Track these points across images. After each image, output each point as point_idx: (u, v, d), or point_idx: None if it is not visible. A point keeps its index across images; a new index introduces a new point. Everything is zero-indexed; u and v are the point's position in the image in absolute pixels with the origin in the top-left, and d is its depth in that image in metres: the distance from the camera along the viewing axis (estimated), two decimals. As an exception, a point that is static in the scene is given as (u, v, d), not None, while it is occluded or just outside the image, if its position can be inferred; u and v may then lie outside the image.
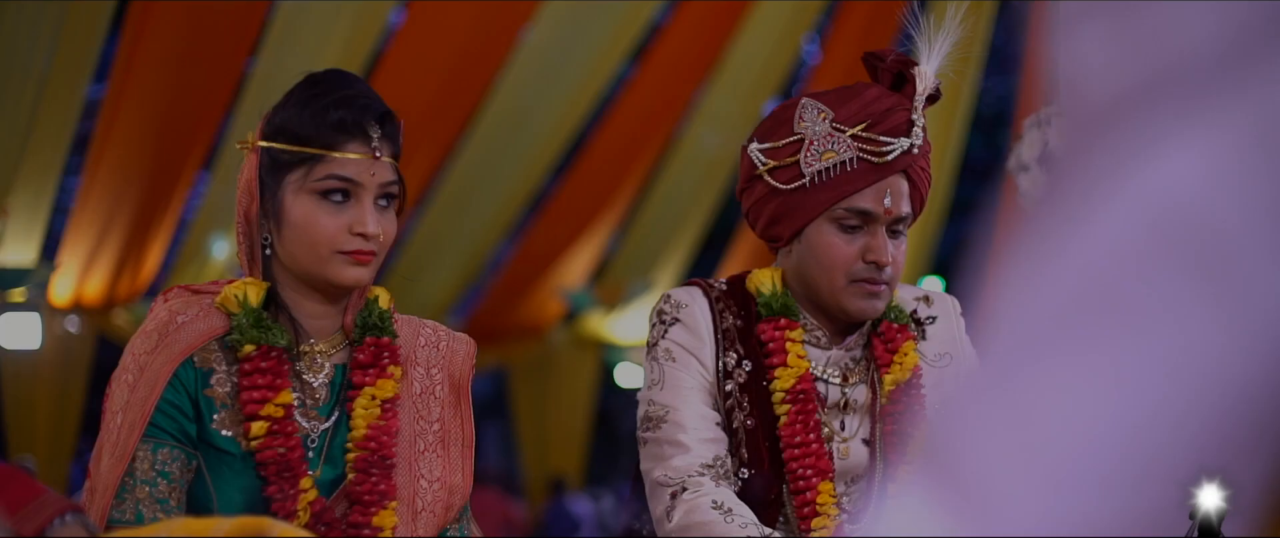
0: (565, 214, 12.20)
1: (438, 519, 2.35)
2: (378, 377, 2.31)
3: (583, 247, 12.43)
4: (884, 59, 2.60)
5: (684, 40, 11.42)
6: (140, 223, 9.90)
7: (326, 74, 2.36)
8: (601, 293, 12.88)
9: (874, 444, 2.62)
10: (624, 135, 11.79)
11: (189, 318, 2.26)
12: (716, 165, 12.37)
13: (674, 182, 12.32)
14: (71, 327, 10.24)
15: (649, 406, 2.56)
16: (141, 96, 9.19)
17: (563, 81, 10.83)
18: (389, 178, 2.29)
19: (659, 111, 11.79)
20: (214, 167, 10.48)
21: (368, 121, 2.28)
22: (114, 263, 10.07)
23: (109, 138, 9.40)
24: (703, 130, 12.12)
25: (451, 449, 2.39)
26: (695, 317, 2.58)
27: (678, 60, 11.50)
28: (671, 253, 12.86)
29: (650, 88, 11.73)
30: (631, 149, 11.89)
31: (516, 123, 10.90)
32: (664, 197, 12.43)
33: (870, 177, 2.51)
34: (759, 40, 11.46)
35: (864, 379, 2.64)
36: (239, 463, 2.23)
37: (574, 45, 10.63)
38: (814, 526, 2.51)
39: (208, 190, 10.75)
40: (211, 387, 2.24)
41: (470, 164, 11.03)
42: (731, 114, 12.05)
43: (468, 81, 10.45)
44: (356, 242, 2.26)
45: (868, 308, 2.55)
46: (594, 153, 12.00)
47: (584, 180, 12.07)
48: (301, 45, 9.54)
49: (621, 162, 11.92)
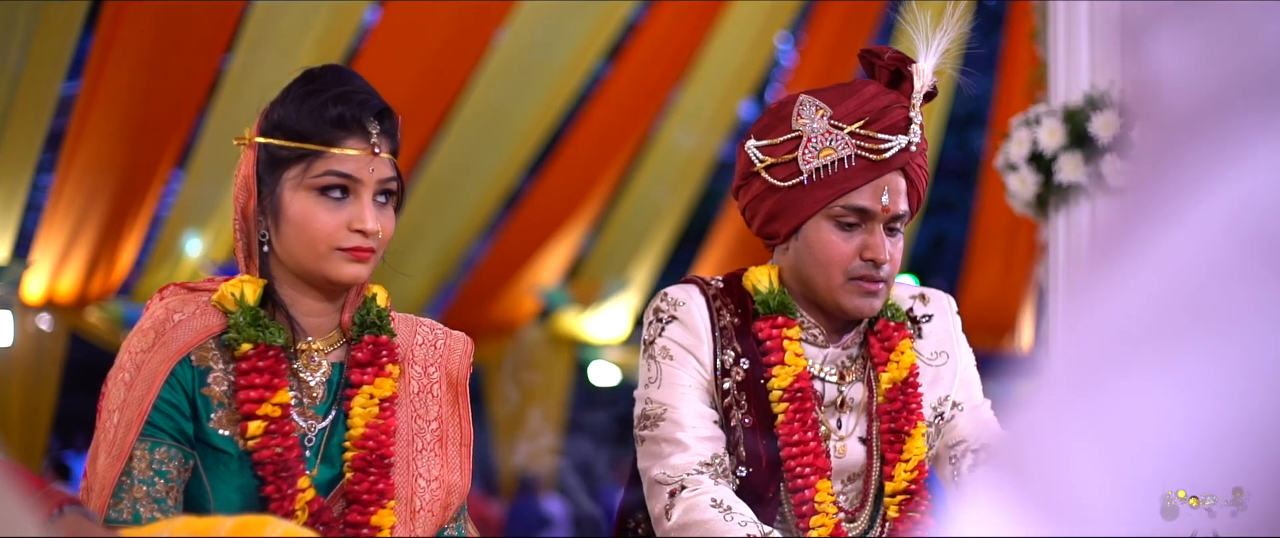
0: (540, 212, 12.18)
1: (436, 519, 2.34)
2: (376, 375, 2.30)
3: (558, 245, 12.41)
4: (881, 56, 2.59)
5: (659, 39, 11.40)
6: (114, 220, 9.84)
7: (325, 70, 2.34)
8: (576, 291, 12.87)
9: (870, 443, 2.61)
10: (599, 134, 11.78)
11: (186, 316, 2.23)
12: (692, 164, 12.37)
13: (649, 180, 12.32)
14: (44, 324, 10.17)
15: (646, 404, 2.55)
16: (115, 93, 9.14)
17: (538, 80, 10.81)
18: (388, 174, 2.28)
19: (634, 110, 11.77)
20: (188, 164, 10.43)
21: (366, 117, 2.26)
22: (87, 260, 10.01)
23: (83, 135, 9.35)
24: (678, 129, 12.11)
25: (449, 448, 2.38)
26: (692, 315, 2.56)
27: (653, 59, 11.49)
28: (646, 252, 12.85)
29: (626, 87, 11.72)
30: (607, 148, 11.88)
31: (492, 121, 10.87)
32: (639, 195, 12.42)
33: (868, 174, 2.51)
34: (734, 40, 11.47)
35: (860, 378, 2.63)
36: (236, 462, 2.21)
37: (549, 44, 10.61)
38: (812, 524, 2.50)
39: (181, 188, 10.70)
40: (208, 385, 2.22)
41: (445, 162, 10.99)
42: (707, 113, 12.05)
43: (443, 80, 10.42)
44: (355, 238, 2.24)
45: (865, 306, 2.54)
46: (569, 151, 11.98)
47: (559, 179, 12.05)
48: (276, 43, 9.50)
49: (597, 160, 11.90)
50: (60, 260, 9.96)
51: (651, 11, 11.38)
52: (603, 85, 12.05)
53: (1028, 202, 4.74)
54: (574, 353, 13.56)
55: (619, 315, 13.41)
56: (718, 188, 13.59)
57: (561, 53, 10.75)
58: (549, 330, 13.15)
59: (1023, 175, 4.69)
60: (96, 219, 9.79)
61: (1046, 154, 4.63)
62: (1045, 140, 4.61)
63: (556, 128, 11.70)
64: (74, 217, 9.74)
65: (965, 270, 13.17)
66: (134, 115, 9.29)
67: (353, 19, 10.00)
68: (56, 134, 9.51)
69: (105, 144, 9.37)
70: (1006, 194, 4.76)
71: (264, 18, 9.50)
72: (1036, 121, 4.67)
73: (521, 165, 11.70)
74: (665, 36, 11.39)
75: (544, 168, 12.21)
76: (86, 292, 10.28)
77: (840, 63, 11.36)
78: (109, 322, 10.62)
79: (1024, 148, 4.67)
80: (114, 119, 9.28)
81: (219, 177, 10.36)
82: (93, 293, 10.33)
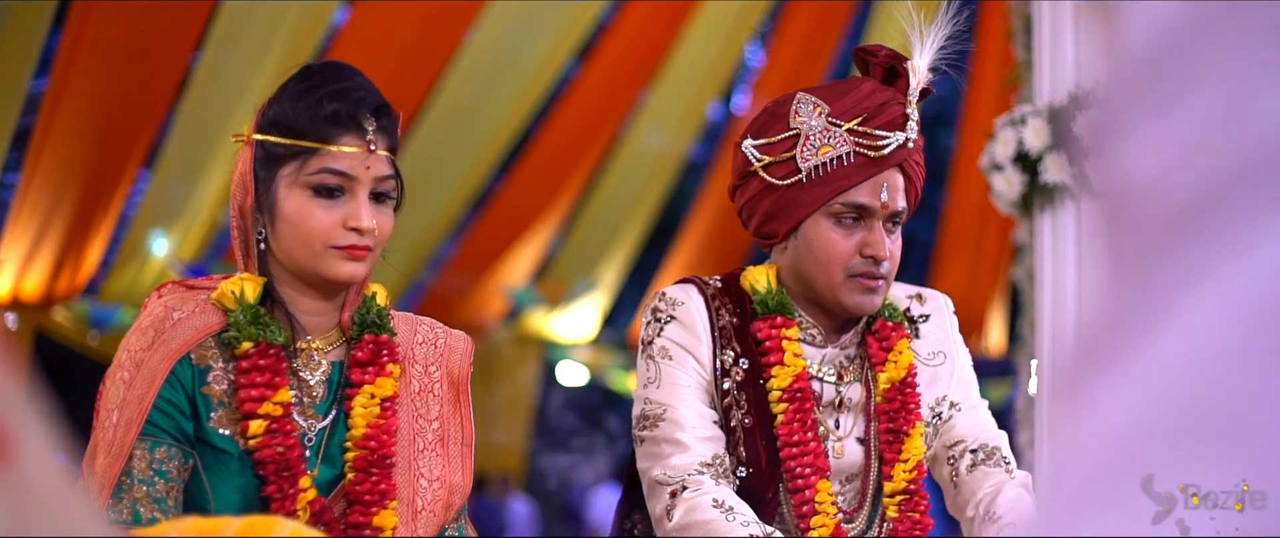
0: (509, 212, 12.16)
1: (438, 519, 2.31)
2: (377, 375, 2.27)
3: (526, 245, 12.40)
4: (876, 54, 2.58)
5: (629, 40, 11.40)
6: (81, 219, 9.79)
7: (322, 66, 2.32)
8: (545, 291, 12.86)
9: (868, 443, 2.60)
10: (568, 134, 11.77)
11: (185, 314, 2.20)
12: (661, 165, 12.37)
13: (618, 181, 12.32)
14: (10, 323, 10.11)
15: (645, 404, 2.53)
16: (83, 92, 9.08)
17: (508, 80, 10.80)
18: (384, 172, 2.25)
19: (604, 111, 11.77)
20: (155, 163, 10.38)
21: (362, 114, 2.24)
22: (53, 259, 9.95)
23: (50, 133, 9.29)
24: (647, 130, 12.11)
25: (450, 448, 2.35)
26: (691, 315, 2.55)
27: (623, 59, 11.48)
28: (615, 252, 12.85)
29: (595, 87, 11.71)
30: (576, 148, 11.87)
31: (461, 120, 10.85)
32: (608, 196, 12.42)
33: (867, 171, 2.50)
34: (704, 41, 11.48)
35: (858, 378, 2.62)
36: (236, 462, 2.18)
37: (519, 43, 10.59)
38: (812, 524, 2.49)
39: (149, 187, 10.64)
40: (208, 384, 2.19)
41: (414, 162, 10.95)
42: (676, 114, 12.05)
43: (412, 80, 10.39)
44: (351, 236, 2.22)
45: (865, 303, 2.53)
46: (538, 151, 11.96)
47: (528, 178, 12.03)
48: (245, 43, 9.46)
49: (566, 160, 11.89)
50: (27, 259, 9.89)
51: (621, 12, 11.38)
52: (572, 85, 12.04)
53: (1013, 202, 4.74)
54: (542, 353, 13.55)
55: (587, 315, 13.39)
56: (686, 188, 13.59)
57: (531, 53, 10.74)
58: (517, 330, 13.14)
59: (1008, 175, 4.69)
60: (63, 218, 9.73)
61: (1032, 154, 4.63)
62: (1031, 140, 4.61)
63: (526, 127, 11.69)
64: (41, 215, 9.68)
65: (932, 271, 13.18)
66: (102, 114, 9.24)
67: (322, 18, 9.97)
68: (23, 132, 9.44)
69: (73, 143, 9.31)
70: (991, 194, 4.76)
71: (233, 17, 9.46)
72: (1022, 121, 4.67)
73: (490, 165, 11.68)
74: (635, 37, 11.39)
75: (513, 167, 12.20)
76: (53, 291, 10.22)
77: (809, 64, 11.37)
78: (75, 321, 10.56)
79: (1009, 148, 4.67)
80: (82, 117, 9.23)
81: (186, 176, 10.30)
82: (59, 292, 10.27)
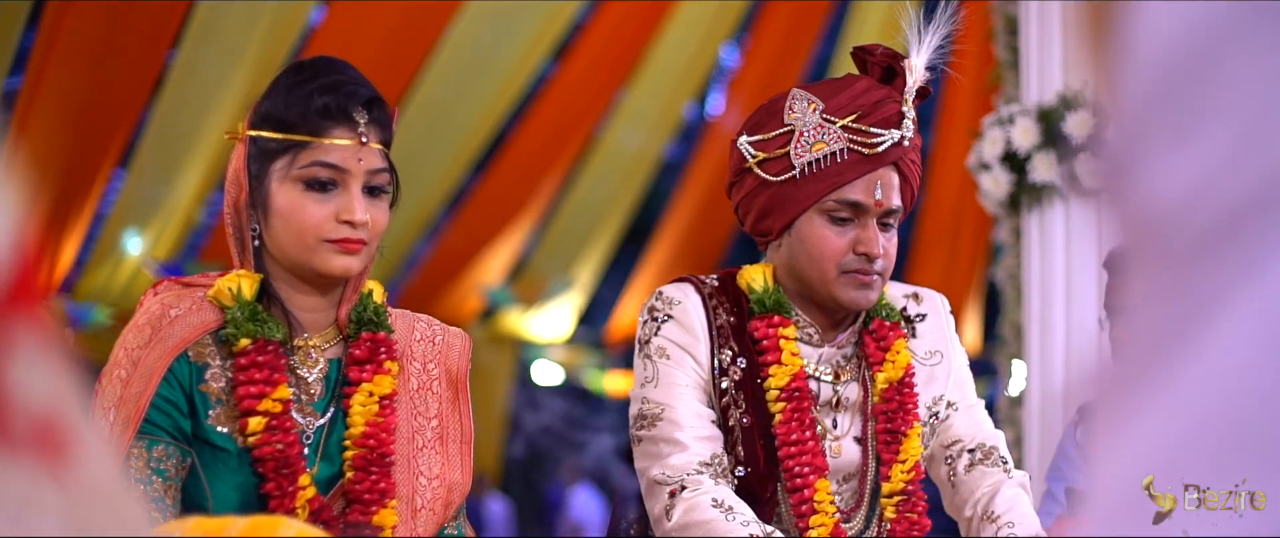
0: (485, 211, 12.14)
1: (437, 517, 2.30)
2: (375, 373, 2.26)
3: (502, 244, 12.38)
4: (873, 53, 2.58)
5: (606, 39, 11.39)
6: (55, 217, 9.73)
7: (314, 60, 2.30)
8: (520, 290, 12.84)
9: (865, 443, 2.59)
10: (545, 134, 11.76)
11: (182, 311, 2.18)
12: (637, 164, 12.36)
13: (594, 180, 12.31)
14: None
15: (643, 404, 2.51)
16: (58, 90, 9.03)
17: (484, 78, 10.78)
18: (377, 165, 2.23)
19: (580, 110, 11.76)
20: (130, 162, 10.33)
21: (354, 107, 2.22)
22: (27, 258, 9.89)
23: (24, 131, 9.23)
24: (623, 129, 12.11)
25: (450, 445, 2.34)
26: (689, 314, 2.53)
27: (599, 59, 11.48)
28: (591, 251, 12.84)
29: (571, 86, 11.70)
30: (552, 147, 11.86)
31: (437, 119, 10.83)
32: (584, 195, 12.41)
33: (861, 168, 2.49)
34: (681, 41, 11.48)
35: (855, 377, 2.61)
36: (235, 460, 2.16)
37: (496, 43, 10.58)
38: (811, 524, 2.48)
39: (124, 186, 10.59)
40: (206, 381, 2.17)
41: (391, 161, 10.94)
42: (652, 113, 12.05)
43: (388, 79, 10.34)
44: (343, 230, 2.20)
45: (860, 298, 2.52)
46: (514, 150, 11.95)
47: (504, 178, 12.02)
48: (221, 41, 9.43)
49: (542, 159, 11.88)
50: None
51: (598, 12, 11.37)
52: (548, 85, 12.03)
53: (1001, 201, 4.74)
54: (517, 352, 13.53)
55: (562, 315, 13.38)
56: (662, 188, 13.59)
57: (508, 52, 10.72)
58: (492, 329, 13.12)
59: (996, 175, 4.69)
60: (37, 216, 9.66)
61: (1020, 153, 4.63)
62: (1019, 140, 4.61)
63: (502, 127, 11.68)
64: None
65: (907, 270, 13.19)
66: (77, 112, 9.19)
67: (299, 17, 9.94)
68: (-2, 130, 9.40)
69: (47, 140, 9.26)
70: (979, 193, 4.76)
71: (209, 15, 9.42)
72: (1010, 121, 4.67)
73: (466, 164, 11.66)
74: (611, 37, 11.39)
75: (489, 167, 12.18)
76: (27, 290, 10.15)
77: (785, 65, 11.37)
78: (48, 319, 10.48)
79: (997, 147, 4.67)
80: (57, 115, 9.18)
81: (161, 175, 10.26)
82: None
